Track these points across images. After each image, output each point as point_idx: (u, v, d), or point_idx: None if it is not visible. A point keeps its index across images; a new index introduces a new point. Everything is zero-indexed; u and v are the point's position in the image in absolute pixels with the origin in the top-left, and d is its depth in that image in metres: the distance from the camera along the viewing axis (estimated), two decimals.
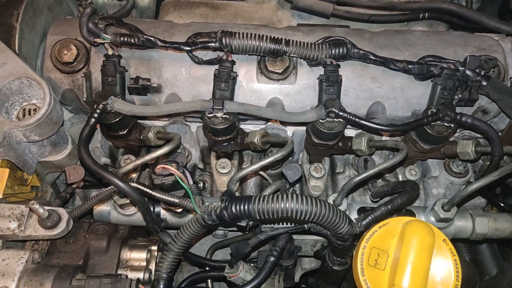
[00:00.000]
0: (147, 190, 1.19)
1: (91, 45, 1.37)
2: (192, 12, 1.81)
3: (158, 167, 1.14)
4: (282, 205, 1.06)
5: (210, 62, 1.39)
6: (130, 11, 1.59)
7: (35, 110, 1.20)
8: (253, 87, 1.44)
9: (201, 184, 1.64)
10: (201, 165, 1.63)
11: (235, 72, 1.36)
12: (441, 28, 1.79)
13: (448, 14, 1.69)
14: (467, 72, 1.32)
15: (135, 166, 1.24)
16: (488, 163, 1.42)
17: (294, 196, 1.07)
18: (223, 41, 1.34)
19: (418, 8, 1.70)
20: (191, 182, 1.19)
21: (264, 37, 1.35)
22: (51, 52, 1.41)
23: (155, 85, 1.40)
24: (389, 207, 1.13)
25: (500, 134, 1.47)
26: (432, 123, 1.30)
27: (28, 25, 1.37)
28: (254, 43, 1.34)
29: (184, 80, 1.43)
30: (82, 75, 1.38)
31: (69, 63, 1.39)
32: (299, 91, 1.44)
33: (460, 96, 1.35)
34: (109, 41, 1.32)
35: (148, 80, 1.39)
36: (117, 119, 1.32)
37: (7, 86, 1.17)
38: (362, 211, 1.39)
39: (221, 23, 1.57)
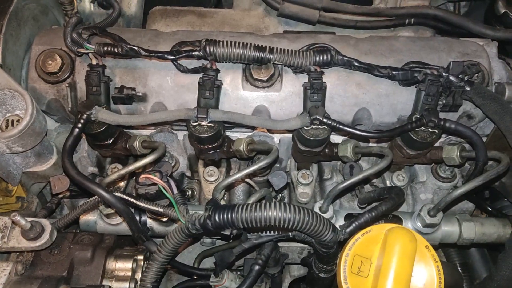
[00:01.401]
0: (132, 200, 1.18)
1: (76, 55, 1.37)
2: (179, 20, 1.81)
3: (141, 176, 1.14)
4: (265, 214, 1.06)
5: (195, 71, 1.39)
6: (116, 20, 1.59)
7: (18, 121, 1.20)
8: (238, 94, 1.44)
9: (189, 192, 1.63)
10: (188, 173, 1.62)
11: (220, 80, 1.37)
12: (427, 33, 1.80)
13: (434, 19, 1.70)
14: (451, 77, 1.33)
15: (120, 176, 1.23)
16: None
17: (277, 204, 1.07)
18: (207, 49, 1.34)
19: (404, 14, 1.71)
20: (175, 191, 1.19)
21: (248, 45, 1.35)
22: (36, 63, 1.41)
23: (140, 94, 1.40)
24: (373, 214, 1.13)
25: (486, 138, 1.49)
26: (417, 129, 1.30)
27: (12, 36, 1.37)
28: (238, 51, 1.35)
29: (169, 88, 1.43)
30: (67, 85, 1.38)
31: (53, 73, 1.39)
32: (284, 98, 1.44)
33: (444, 101, 1.35)
34: (92, 51, 1.32)
35: (133, 89, 1.39)
36: (102, 129, 1.32)
37: None
38: (349, 217, 1.39)
39: (207, 31, 1.58)
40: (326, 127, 1.31)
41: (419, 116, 1.30)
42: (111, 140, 1.38)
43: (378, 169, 1.23)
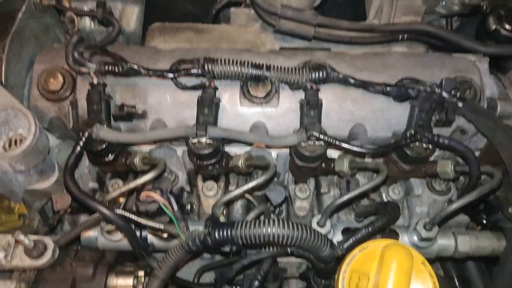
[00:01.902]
0: (133, 217, 1.20)
1: (77, 74, 1.40)
2: (177, 36, 1.84)
3: (142, 194, 1.16)
4: (264, 231, 1.09)
5: (193, 88, 1.42)
6: (116, 38, 1.62)
7: (21, 140, 1.22)
8: (236, 110, 1.47)
9: (189, 206, 1.66)
10: (188, 188, 1.64)
11: (218, 98, 1.40)
12: (420, 48, 1.83)
13: (426, 35, 1.74)
14: (443, 94, 1.36)
15: (121, 193, 1.25)
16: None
17: (276, 221, 1.09)
18: (206, 67, 1.38)
19: (397, 30, 1.75)
20: (175, 208, 1.21)
21: (246, 63, 1.38)
22: (38, 81, 1.43)
23: (140, 111, 1.42)
24: (370, 229, 1.16)
25: (479, 152, 1.52)
26: (411, 145, 1.33)
27: (15, 55, 1.40)
28: (236, 69, 1.38)
29: (168, 105, 1.46)
30: (69, 103, 1.41)
31: (55, 92, 1.42)
32: (281, 114, 1.47)
33: (437, 117, 1.39)
34: (94, 70, 1.35)
35: (133, 107, 1.41)
36: (103, 147, 1.34)
37: None
38: (346, 232, 1.42)
39: (205, 48, 1.60)
40: (322, 143, 1.34)
41: (413, 132, 1.33)
42: (112, 157, 1.41)
43: (374, 184, 1.26)
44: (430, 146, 1.33)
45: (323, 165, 1.46)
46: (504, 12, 1.66)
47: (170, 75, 1.37)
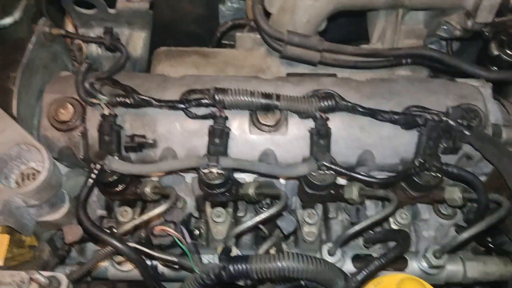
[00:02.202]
0: (146, 250, 1.21)
1: (88, 105, 1.41)
2: (183, 61, 1.86)
3: (156, 228, 1.17)
4: (280, 265, 1.10)
5: (204, 117, 1.43)
6: (125, 65, 1.63)
7: (33, 174, 1.22)
8: (245, 138, 1.48)
9: (197, 232, 1.66)
10: (196, 214, 1.65)
11: (229, 128, 1.41)
12: (423, 72, 1.86)
13: (429, 60, 1.76)
14: (450, 122, 1.38)
15: (133, 226, 1.26)
16: (475, 204, 1.47)
17: (291, 255, 1.10)
18: (216, 97, 1.39)
19: (401, 54, 1.77)
20: (189, 240, 1.22)
21: (256, 93, 1.40)
22: (48, 111, 1.44)
23: (151, 141, 1.43)
24: (383, 261, 1.17)
25: (485, 177, 1.54)
26: (420, 173, 1.35)
27: (25, 86, 1.40)
28: (246, 99, 1.39)
29: (178, 134, 1.47)
30: (79, 134, 1.41)
31: (65, 122, 1.42)
32: (290, 141, 1.48)
33: (445, 145, 1.41)
34: (105, 102, 1.35)
35: (143, 136, 1.42)
36: (114, 178, 1.35)
37: (6, 153, 1.19)
38: (356, 258, 1.43)
39: (213, 76, 1.62)
40: (332, 172, 1.36)
41: (422, 161, 1.35)
42: (122, 187, 1.41)
43: (385, 214, 1.28)
44: (439, 175, 1.35)
45: (332, 192, 1.47)
46: (506, 38, 1.69)
47: (181, 106, 1.38)
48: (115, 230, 1.52)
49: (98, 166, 1.29)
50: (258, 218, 1.25)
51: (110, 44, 1.70)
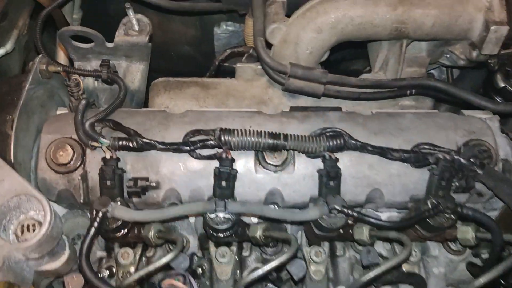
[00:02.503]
0: None
1: (88, 147, 1.35)
2: (183, 92, 1.82)
3: (165, 283, 1.12)
4: None
5: (209, 158, 1.39)
6: (124, 100, 1.58)
7: (33, 225, 1.16)
8: (251, 178, 1.44)
9: (200, 271, 1.60)
10: (199, 253, 1.60)
11: (235, 170, 1.36)
12: (427, 102, 1.85)
13: (434, 90, 1.74)
14: (462, 161, 1.35)
15: (139, 278, 1.20)
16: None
17: None
18: (222, 138, 1.34)
19: (405, 85, 1.75)
20: None
21: (263, 134, 1.36)
22: (46, 153, 1.38)
23: (154, 184, 1.38)
24: None
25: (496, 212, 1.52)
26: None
27: (23, 129, 1.34)
28: (253, 139, 1.35)
29: (182, 175, 1.43)
30: (79, 178, 1.35)
31: (64, 164, 1.37)
32: (297, 181, 1.44)
33: (457, 184, 1.38)
34: (107, 145, 1.30)
35: (146, 179, 1.37)
36: (117, 224, 1.29)
37: (5, 204, 1.13)
38: None
39: (216, 111, 1.57)
40: (343, 215, 1.32)
41: (435, 202, 1.32)
42: (124, 232, 1.35)
43: (399, 261, 1.24)
44: (453, 217, 1.32)
45: (342, 232, 1.43)
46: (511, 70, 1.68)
47: (186, 148, 1.34)
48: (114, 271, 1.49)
49: (100, 214, 1.24)
50: (268, 267, 1.21)
51: (107, 77, 1.65)
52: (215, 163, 1.38)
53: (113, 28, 1.71)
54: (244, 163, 1.44)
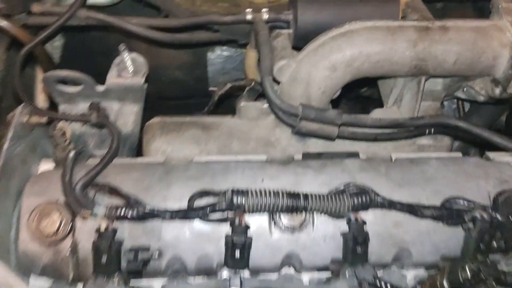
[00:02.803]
0: None
1: (80, 216, 1.17)
2: (182, 135, 1.64)
3: None
4: None
5: (219, 221, 1.22)
6: (117, 151, 1.39)
7: None
8: (266, 240, 1.28)
9: None
10: None
11: (250, 238, 1.20)
12: (446, 140, 1.72)
13: (455, 130, 1.61)
14: (500, 218, 1.22)
15: None
16: None
17: None
18: (234, 202, 1.18)
19: (423, 124, 1.62)
20: None
21: (280, 194, 1.20)
22: (28, 221, 1.19)
23: (157, 255, 1.20)
24: None
25: None
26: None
27: (1, 194, 1.15)
28: (269, 201, 1.19)
29: (187, 240, 1.25)
30: (68, 251, 1.16)
31: (51, 235, 1.18)
32: (317, 243, 1.29)
33: (496, 245, 1.24)
34: (102, 215, 1.12)
35: (147, 249, 1.19)
36: None
37: None
38: None
39: (222, 161, 1.40)
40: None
41: (475, 270, 1.18)
42: None
43: None
44: (494, 284, 1.18)
45: None
46: None
47: (194, 214, 1.17)
48: None
49: None
50: None
51: (97, 122, 1.47)
52: (225, 225, 1.22)
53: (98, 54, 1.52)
54: (257, 225, 1.27)
